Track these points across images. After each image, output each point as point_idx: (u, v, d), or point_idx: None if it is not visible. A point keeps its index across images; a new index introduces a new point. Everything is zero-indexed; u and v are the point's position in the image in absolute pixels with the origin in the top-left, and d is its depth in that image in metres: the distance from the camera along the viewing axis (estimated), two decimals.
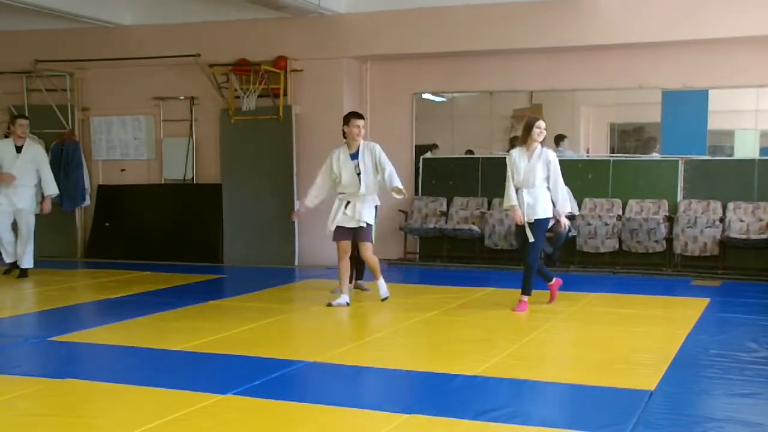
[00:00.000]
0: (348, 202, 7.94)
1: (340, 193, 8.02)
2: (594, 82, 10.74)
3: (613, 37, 10.19)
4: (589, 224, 10.35)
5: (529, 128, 7.59)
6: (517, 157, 7.65)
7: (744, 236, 9.83)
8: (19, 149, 10.07)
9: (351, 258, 8.57)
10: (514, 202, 7.59)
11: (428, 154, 11.67)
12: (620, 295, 7.96)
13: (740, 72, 10.11)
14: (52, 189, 10.30)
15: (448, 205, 11.32)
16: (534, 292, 7.75)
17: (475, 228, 10.79)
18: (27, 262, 10.12)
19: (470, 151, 11.65)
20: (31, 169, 10.11)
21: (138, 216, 12.18)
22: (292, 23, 11.24)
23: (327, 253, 11.06)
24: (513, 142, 11.49)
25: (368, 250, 8.05)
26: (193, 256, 11.54)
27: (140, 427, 4.31)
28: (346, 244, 8.04)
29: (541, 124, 7.59)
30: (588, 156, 11.05)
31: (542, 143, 7.63)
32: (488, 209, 11.03)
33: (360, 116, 8.07)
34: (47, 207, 10.27)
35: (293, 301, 9.02)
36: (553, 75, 10.86)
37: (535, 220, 7.55)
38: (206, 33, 11.57)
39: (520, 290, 7.71)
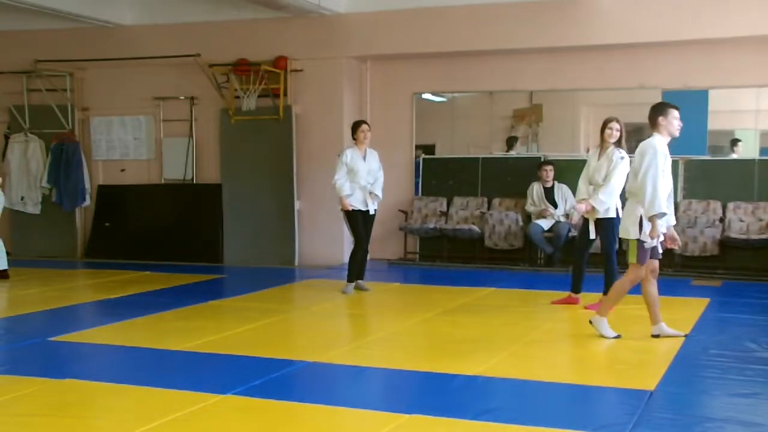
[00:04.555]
0: None
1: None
2: (594, 82, 10.73)
3: (613, 37, 10.19)
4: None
5: (602, 128, 7.61)
6: (591, 155, 7.75)
7: (744, 236, 9.83)
8: None
9: (356, 256, 8.66)
10: (583, 195, 7.65)
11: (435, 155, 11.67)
12: None
13: (740, 72, 10.10)
14: None
15: (448, 205, 11.31)
16: (544, 292, 7.70)
17: (475, 228, 10.78)
18: None
19: (431, 149, 11.62)
20: None
21: (138, 216, 12.16)
22: (292, 23, 11.23)
23: (327, 253, 11.11)
24: (511, 143, 11.52)
25: None
26: (193, 256, 11.52)
27: (140, 427, 4.31)
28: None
29: (614, 125, 7.53)
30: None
31: (617, 143, 7.55)
32: (488, 209, 11.02)
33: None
34: None
35: (293, 301, 9.01)
36: (553, 75, 10.86)
37: (597, 219, 7.57)
38: (206, 33, 11.56)
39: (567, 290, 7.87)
